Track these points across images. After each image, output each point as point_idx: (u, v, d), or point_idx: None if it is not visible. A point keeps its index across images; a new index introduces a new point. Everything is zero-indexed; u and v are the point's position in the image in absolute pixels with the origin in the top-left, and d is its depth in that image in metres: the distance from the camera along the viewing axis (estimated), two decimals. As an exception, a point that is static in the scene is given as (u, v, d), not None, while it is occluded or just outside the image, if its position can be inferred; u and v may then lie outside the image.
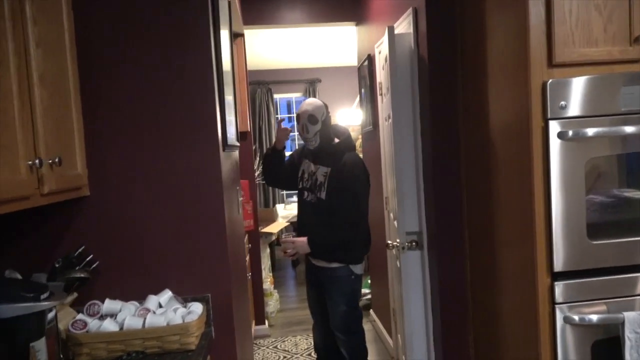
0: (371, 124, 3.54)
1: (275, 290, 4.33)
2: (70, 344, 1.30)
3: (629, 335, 1.50)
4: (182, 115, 1.53)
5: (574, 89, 1.53)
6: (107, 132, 1.51)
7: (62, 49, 1.33)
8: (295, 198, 4.30)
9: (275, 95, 7.59)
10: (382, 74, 3.11)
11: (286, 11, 3.92)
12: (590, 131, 1.53)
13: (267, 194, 7.49)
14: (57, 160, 1.18)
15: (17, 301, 0.96)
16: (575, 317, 1.56)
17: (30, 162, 1.07)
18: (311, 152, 2.60)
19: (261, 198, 7.41)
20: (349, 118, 6.77)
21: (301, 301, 4.51)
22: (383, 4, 3.14)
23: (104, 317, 1.39)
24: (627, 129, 1.51)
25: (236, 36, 3.63)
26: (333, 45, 5.97)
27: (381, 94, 3.24)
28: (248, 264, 3.54)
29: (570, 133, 1.53)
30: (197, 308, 1.43)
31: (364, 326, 2.90)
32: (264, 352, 3.54)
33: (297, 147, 2.95)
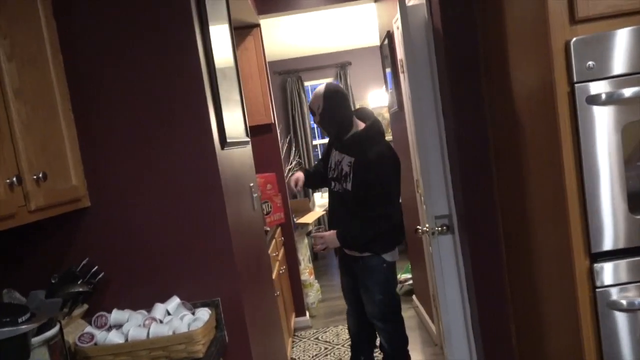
0: (397, 104, 3.39)
1: (315, 281, 4.29)
2: (79, 358, 1.30)
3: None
4: (172, 117, 1.48)
5: (603, 46, 1.34)
6: (101, 141, 1.48)
7: (44, 61, 1.30)
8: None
9: (306, 83, 7.49)
10: (402, 50, 2.94)
11: (301, -5, 3.81)
12: (628, 92, 1.34)
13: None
14: (42, 175, 1.15)
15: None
16: (623, 301, 1.39)
17: (9, 180, 1.05)
18: (337, 144, 2.52)
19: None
20: (380, 99, 6.58)
21: (343, 290, 4.48)
22: (397, -24, 2.95)
23: (112, 328, 1.38)
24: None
25: (250, 27, 3.55)
26: (360, 25, 5.78)
27: (402, 72, 3.08)
28: (282, 257, 3.51)
29: (603, 96, 1.35)
30: (203, 314, 1.39)
31: (406, 312, 3.00)
32: (305, 344, 3.52)
33: None
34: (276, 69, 7.26)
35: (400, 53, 3.11)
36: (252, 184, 2.07)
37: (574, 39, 1.35)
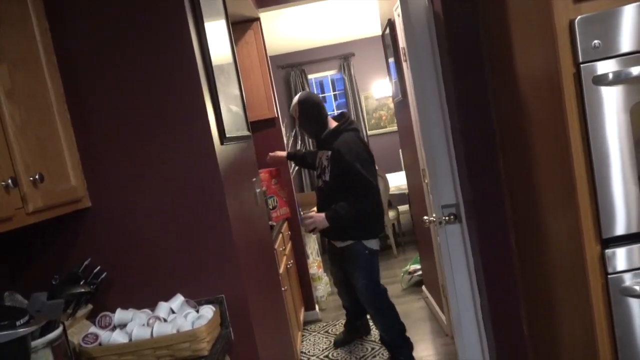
0: (400, 93, 3.34)
1: (324, 274, 4.28)
2: (83, 359, 1.29)
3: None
4: (170, 115, 1.46)
5: (609, 24, 1.30)
6: (100, 141, 1.46)
7: (36, 62, 1.29)
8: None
9: (310, 76, 7.45)
10: (404, 38, 2.89)
11: (300, -13, 3.76)
12: (636, 70, 1.29)
13: (312, 178, 7.43)
14: (38, 176, 1.14)
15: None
16: (637, 287, 1.35)
17: (4, 183, 1.03)
18: (317, 143, 2.91)
19: (307, 181, 7.37)
20: (385, 90, 6.52)
21: (352, 282, 4.47)
22: (397, -38, 2.90)
23: (117, 328, 1.37)
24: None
25: (249, 21, 3.52)
26: (361, 15, 5.72)
27: (405, 60, 3.04)
28: (290, 251, 3.50)
29: (610, 76, 1.31)
30: (207, 312, 1.37)
31: (417, 303, 3.50)
32: (314, 337, 3.51)
33: None
34: (279, 62, 7.22)
35: (402, 41, 3.06)
36: (254, 179, 2.04)
37: (579, 18, 1.30)
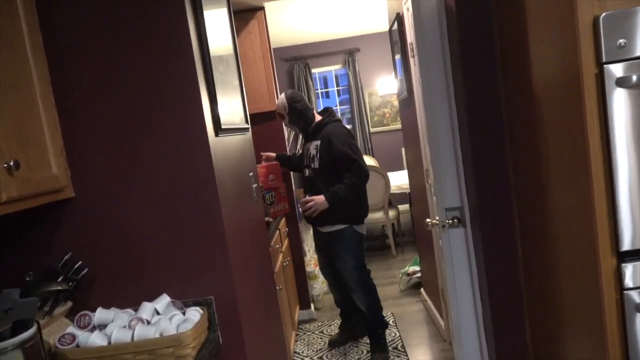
0: (406, 90, 3.24)
1: (321, 272, 4.19)
2: (59, 361, 1.21)
3: None
4: (162, 103, 1.36)
5: (636, 22, 1.20)
6: (86, 128, 1.37)
7: (18, 40, 1.19)
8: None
9: (314, 70, 7.35)
10: (412, 33, 2.79)
11: (307, -23, 3.66)
12: (665, 73, 1.20)
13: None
14: (13, 163, 1.05)
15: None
16: (653, 304, 1.26)
17: (-26, 170, 0.94)
18: (305, 136, 3.08)
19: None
20: (389, 87, 6.42)
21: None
22: (408, -46, 2.79)
23: (97, 328, 1.28)
24: None
25: (253, 10, 3.42)
26: (369, 9, 5.61)
27: (412, 56, 2.94)
28: (286, 248, 3.41)
29: (635, 78, 1.21)
30: (194, 315, 1.29)
31: (414, 306, 3.72)
32: (309, 337, 3.43)
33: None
34: (283, 55, 7.11)
35: (410, 36, 2.96)
36: (251, 174, 1.95)
37: (603, 14, 1.21)
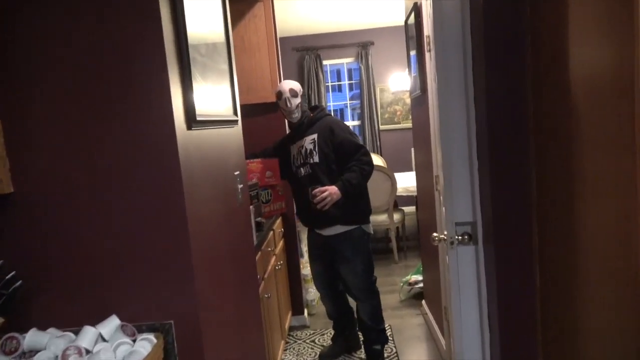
0: (419, 87, 2.98)
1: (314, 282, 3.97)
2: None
3: None
4: (120, 90, 1.13)
5: None
6: (29, 114, 1.14)
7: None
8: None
9: (325, 62, 7.08)
10: (430, 25, 2.54)
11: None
12: None
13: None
14: None
15: None
16: None
17: None
18: (295, 130, 2.84)
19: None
20: (402, 83, 6.15)
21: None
22: (430, -64, 2.53)
23: (26, 355, 1.06)
24: None
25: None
26: (385, 1, 5.33)
27: (429, 50, 2.68)
28: (281, 250, 3.19)
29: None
30: (143, 346, 1.06)
31: (414, 319, 3.50)
32: (299, 347, 3.21)
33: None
34: (294, 45, 6.86)
35: (427, 28, 2.70)
36: (237, 172, 1.72)
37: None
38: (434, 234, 2.08)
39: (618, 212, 1.12)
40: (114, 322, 1.13)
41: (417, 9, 2.94)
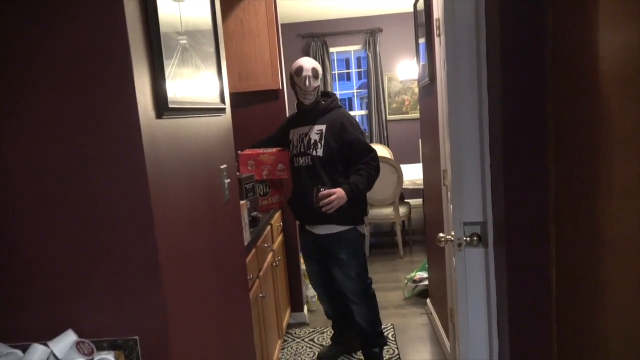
0: (428, 75, 2.80)
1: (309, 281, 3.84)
2: None
3: None
4: (74, 72, 0.97)
5: None
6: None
7: None
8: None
9: (332, 49, 6.88)
10: (440, 7, 2.35)
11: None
12: None
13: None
14: None
15: None
16: None
17: None
18: (302, 115, 2.61)
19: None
20: (410, 72, 5.94)
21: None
22: None
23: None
24: None
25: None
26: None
27: (438, 35, 2.49)
28: (279, 245, 3.05)
29: None
30: (100, 367, 0.93)
31: (418, 318, 3.36)
32: (297, 345, 3.08)
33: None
34: (299, 31, 6.67)
35: (437, 11, 2.51)
36: (224, 166, 1.57)
37: None
38: (440, 235, 1.93)
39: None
40: (68, 338, 0.99)
41: (426, -9, 2.75)
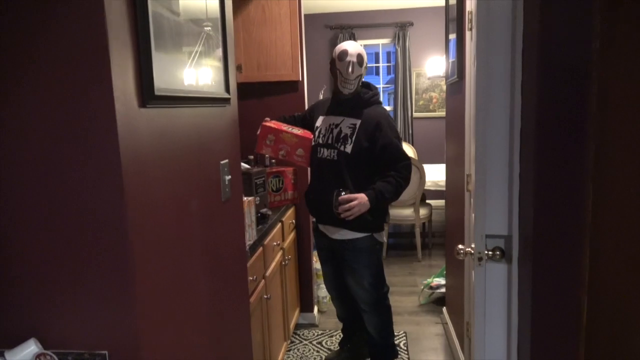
0: (456, 72, 2.62)
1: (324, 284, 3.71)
2: None
3: None
4: (42, 56, 0.86)
5: None
6: None
7: None
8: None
9: (360, 42, 6.69)
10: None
11: None
12: None
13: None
14: None
15: None
16: None
17: None
18: (337, 103, 2.39)
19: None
20: (438, 69, 5.72)
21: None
22: None
23: None
24: None
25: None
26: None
27: (470, 29, 2.31)
28: (290, 243, 2.93)
29: None
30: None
31: (433, 328, 3.17)
32: (304, 348, 2.97)
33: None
34: (327, 22, 6.50)
35: (470, 3, 2.33)
36: (225, 161, 1.45)
37: None
38: (459, 246, 1.77)
39: None
40: (29, 348, 0.89)
41: (460, -18, 2.56)
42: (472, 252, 1.65)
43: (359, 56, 2.25)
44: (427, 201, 5.15)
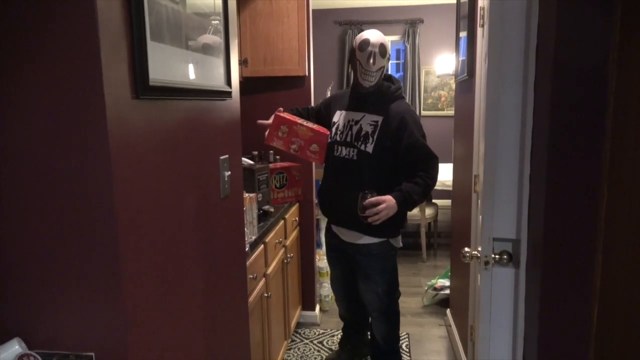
0: (466, 70, 2.56)
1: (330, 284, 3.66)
2: None
3: None
4: (31, 42, 0.82)
5: None
6: None
7: None
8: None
9: (368, 38, 6.63)
10: (486, -6, 2.11)
11: None
12: None
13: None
14: None
15: None
16: None
17: None
18: (357, 97, 2.21)
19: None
20: (448, 67, 5.65)
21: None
22: None
23: None
24: None
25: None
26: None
27: (482, 25, 2.25)
28: (293, 241, 2.89)
29: None
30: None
31: (436, 330, 3.11)
32: (305, 347, 2.93)
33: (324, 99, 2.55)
34: (336, 17, 6.44)
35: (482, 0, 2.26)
36: (224, 157, 1.40)
37: None
38: (465, 249, 1.72)
39: None
40: (12, 348, 0.85)
41: (472, -21, 2.49)
42: (479, 255, 1.60)
43: (382, 46, 2.06)
44: (434, 201, 5.09)
